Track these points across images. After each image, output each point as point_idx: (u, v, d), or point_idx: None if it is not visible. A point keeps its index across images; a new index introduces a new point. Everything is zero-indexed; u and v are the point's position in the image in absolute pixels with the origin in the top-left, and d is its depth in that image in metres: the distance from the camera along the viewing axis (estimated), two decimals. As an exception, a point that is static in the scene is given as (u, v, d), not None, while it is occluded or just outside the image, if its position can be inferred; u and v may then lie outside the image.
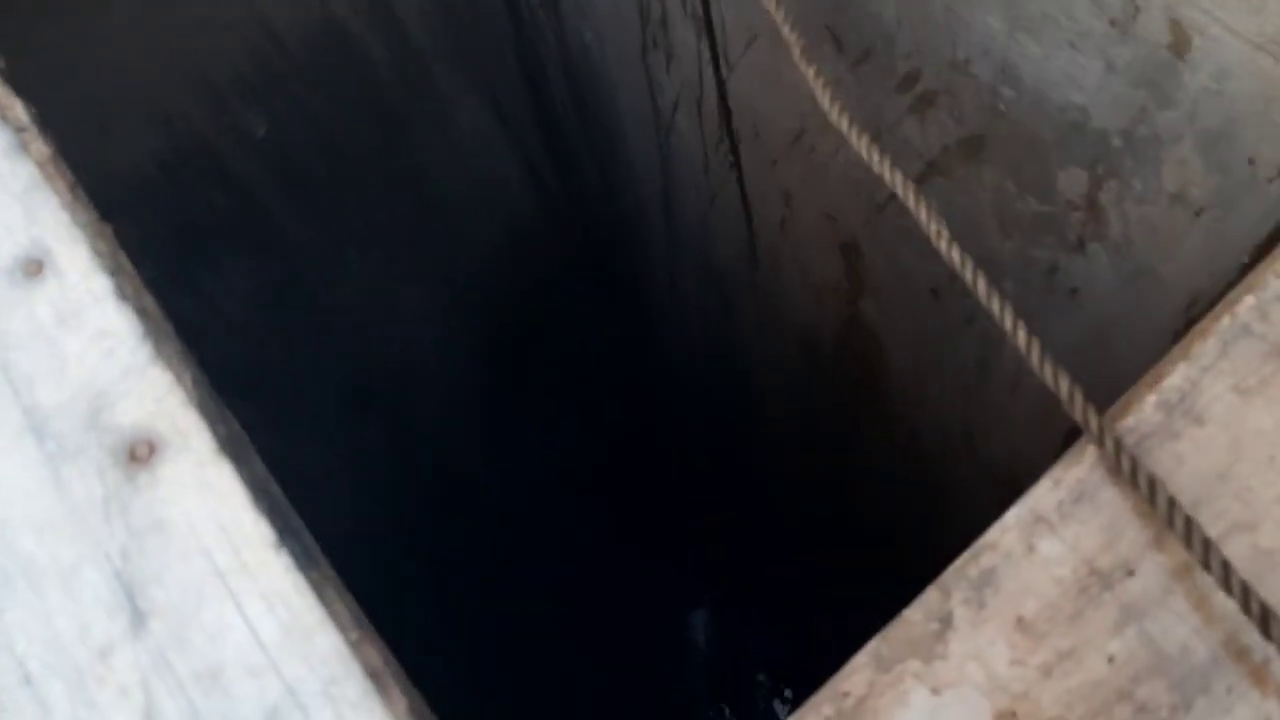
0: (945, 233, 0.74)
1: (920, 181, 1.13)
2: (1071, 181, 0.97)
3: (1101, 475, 0.59)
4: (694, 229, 1.53)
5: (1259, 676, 0.54)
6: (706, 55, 1.28)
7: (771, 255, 1.40)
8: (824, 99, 0.83)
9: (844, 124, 0.84)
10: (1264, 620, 0.53)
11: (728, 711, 2.72)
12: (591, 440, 2.23)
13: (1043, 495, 0.59)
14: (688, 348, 1.87)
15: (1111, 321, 1.04)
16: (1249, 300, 0.61)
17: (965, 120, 1.03)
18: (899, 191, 0.76)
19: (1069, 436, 0.65)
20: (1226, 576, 0.54)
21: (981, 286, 0.69)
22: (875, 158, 0.80)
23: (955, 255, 0.72)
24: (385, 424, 1.92)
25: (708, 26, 1.20)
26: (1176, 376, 0.60)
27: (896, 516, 1.58)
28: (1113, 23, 0.84)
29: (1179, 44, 0.81)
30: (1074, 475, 0.59)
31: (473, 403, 2.03)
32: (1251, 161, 0.82)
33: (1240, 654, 0.55)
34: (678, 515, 2.58)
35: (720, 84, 1.30)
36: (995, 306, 0.68)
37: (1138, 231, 0.94)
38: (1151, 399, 0.60)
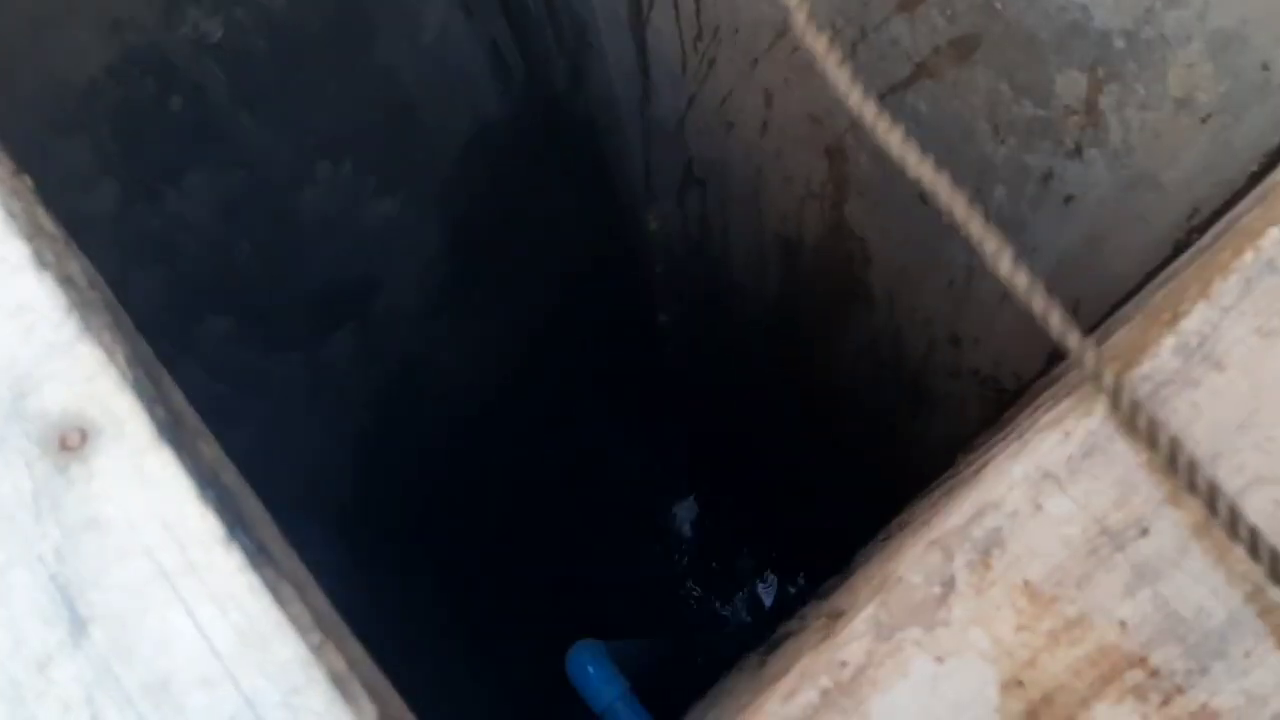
0: (936, 176, 0.67)
1: (908, 84, 1.06)
2: (1070, 85, 0.91)
3: (1115, 426, 0.54)
4: (672, 129, 1.46)
5: (1279, 638, 0.51)
6: (682, -53, 1.19)
7: (752, 158, 1.33)
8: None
9: (816, 45, 0.76)
10: (1274, 568, 0.49)
11: (712, 596, 2.74)
12: (567, 336, 2.19)
13: (1051, 449, 0.54)
14: (666, 248, 1.81)
15: (1108, 229, 0.98)
16: (1273, 233, 0.55)
17: (958, 19, 0.95)
18: (868, 124, 0.70)
19: (1058, 348, 0.61)
20: (1234, 523, 0.50)
21: (972, 223, 0.64)
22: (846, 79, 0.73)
23: (945, 198, 0.67)
24: (358, 330, 1.87)
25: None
26: (1195, 318, 0.55)
27: (878, 416, 1.55)
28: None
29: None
30: (1084, 427, 0.54)
31: (444, 302, 1.97)
32: (1265, 66, 0.76)
33: (1260, 614, 0.51)
34: (658, 408, 2.55)
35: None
36: (989, 247, 0.62)
37: (1139, 138, 0.88)
38: (1169, 342, 0.55)
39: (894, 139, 0.66)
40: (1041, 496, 0.54)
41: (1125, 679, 0.51)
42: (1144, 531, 0.52)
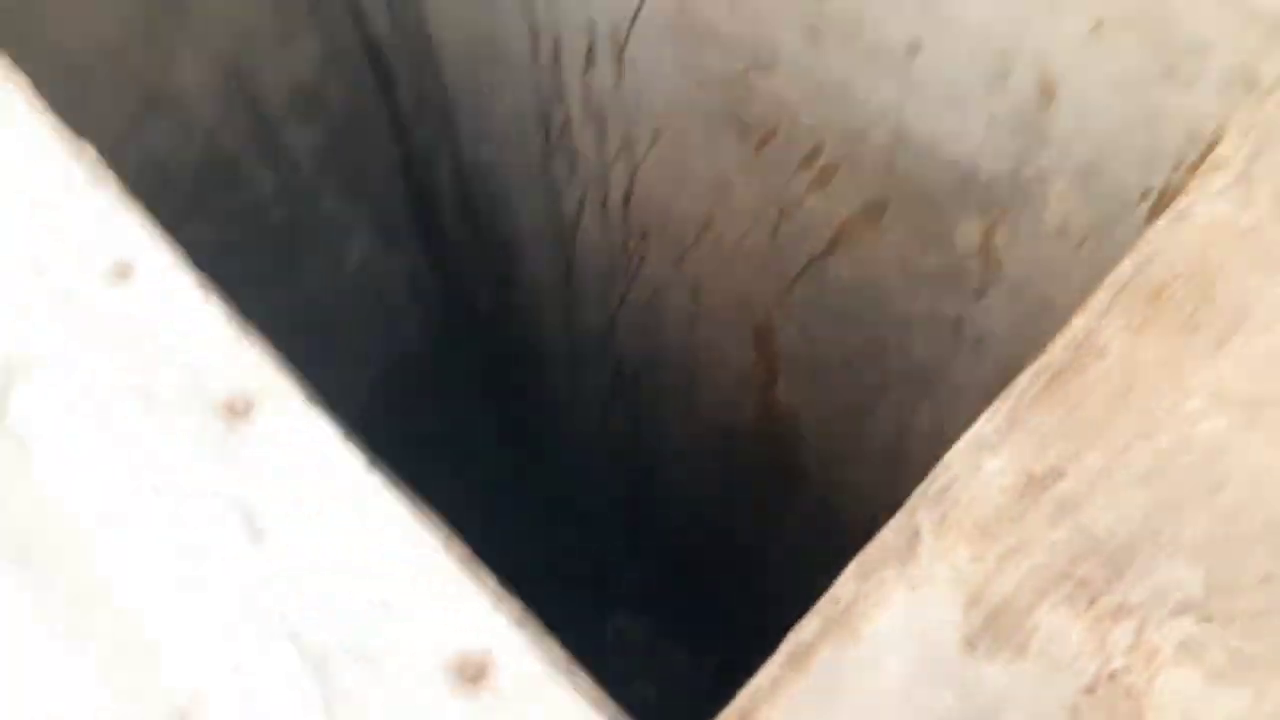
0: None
1: (829, 252, 1.37)
2: (968, 232, 1.22)
3: (1027, 404, 0.80)
4: (600, 334, 1.74)
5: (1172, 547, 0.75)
6: (610, 158, 1.52)
7: (683, 351, 1.61)
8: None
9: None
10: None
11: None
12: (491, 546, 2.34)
13: (982, 426, 0.80)
14: (588, 453, 2.04)
15: (1016, 361, 1.27)
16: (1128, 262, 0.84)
17: (866, 187, 1.27)
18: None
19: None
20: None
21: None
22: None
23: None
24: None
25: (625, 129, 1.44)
26: (1079, 322, 0.82)
27: (816, 587, 1.75)
28: (989, 82, 1.10)
29: (1046, 92, 1.07)
30: (1006, 406, 0.80)
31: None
32: (1121, 190, 1.07)
33: (1152, 534, 0.75)
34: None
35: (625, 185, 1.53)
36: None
37: (1031, 270, 1.19)
38: (1060, 341, 0.82)
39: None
40: (980, 460, 0.78)
41: (1059, 589, 0.74)
42: (1061, 475, 0.77)
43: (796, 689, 0.73)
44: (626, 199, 1.54)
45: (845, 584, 0.76)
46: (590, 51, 1.43)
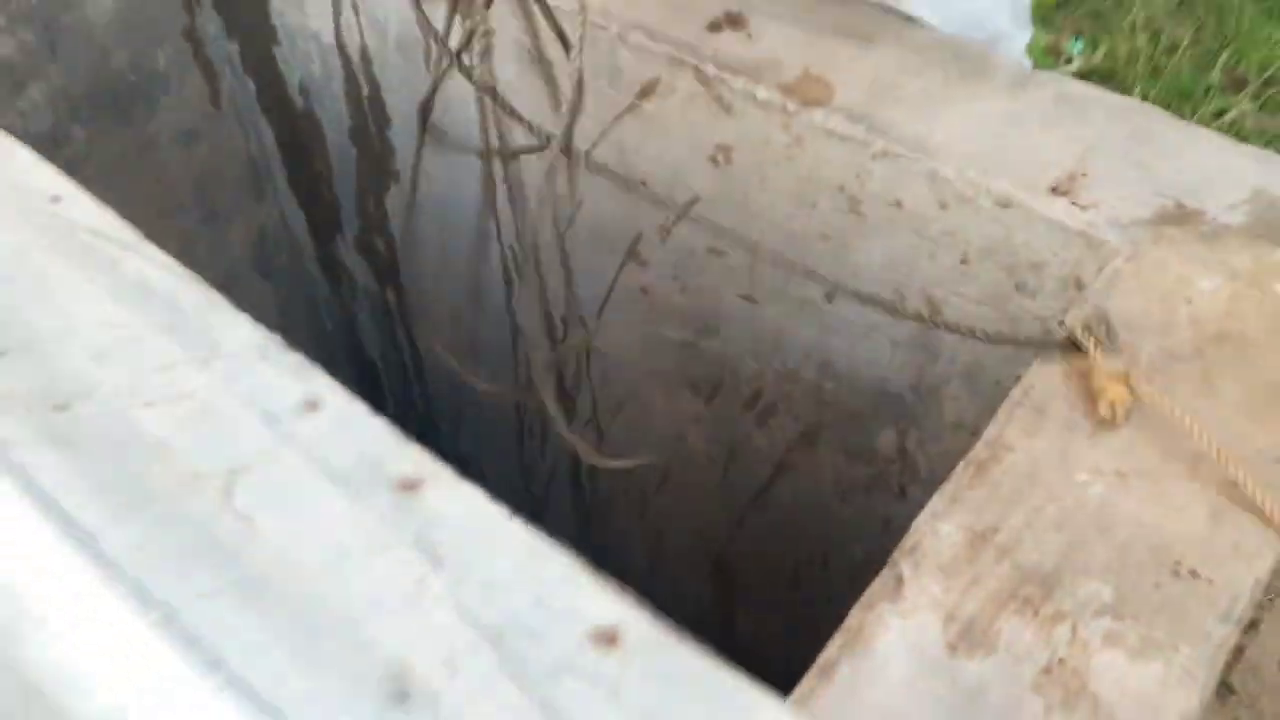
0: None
1: (773, 481, 1.64)
2: (886, 440, 1.50)
3: (964, 486, 1.06)
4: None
5: (1086, 571, 0.99)
6: (578, 432, 1.79)
7: (649, 591, 1.82)
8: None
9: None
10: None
11: None
12: None
13: (934, 503, 1.05)
14: None
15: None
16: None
17: (801, 417, 1.56)
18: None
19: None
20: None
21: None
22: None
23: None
24: None
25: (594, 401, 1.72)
26: (991, 430, 1.10)
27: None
28: (889, 311, 1.42)
29: (934, 313, 1.39)
30: (950, 488, 1.06)
31: None
32: (997, 383, 1.38)
33: (1070, 563, 1.00)
34: None
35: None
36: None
37: (938, 463, 1.47)
38: (980, 443, 1.09)
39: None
40: (936, 524, 1.03)
41: (1010, 606, 0.98)
42: (997, 530, 1.02)
43: (828, 691, 0.94)
44: (593, 466, 1.80)
45: (854, 616, 0.98)
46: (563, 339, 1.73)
